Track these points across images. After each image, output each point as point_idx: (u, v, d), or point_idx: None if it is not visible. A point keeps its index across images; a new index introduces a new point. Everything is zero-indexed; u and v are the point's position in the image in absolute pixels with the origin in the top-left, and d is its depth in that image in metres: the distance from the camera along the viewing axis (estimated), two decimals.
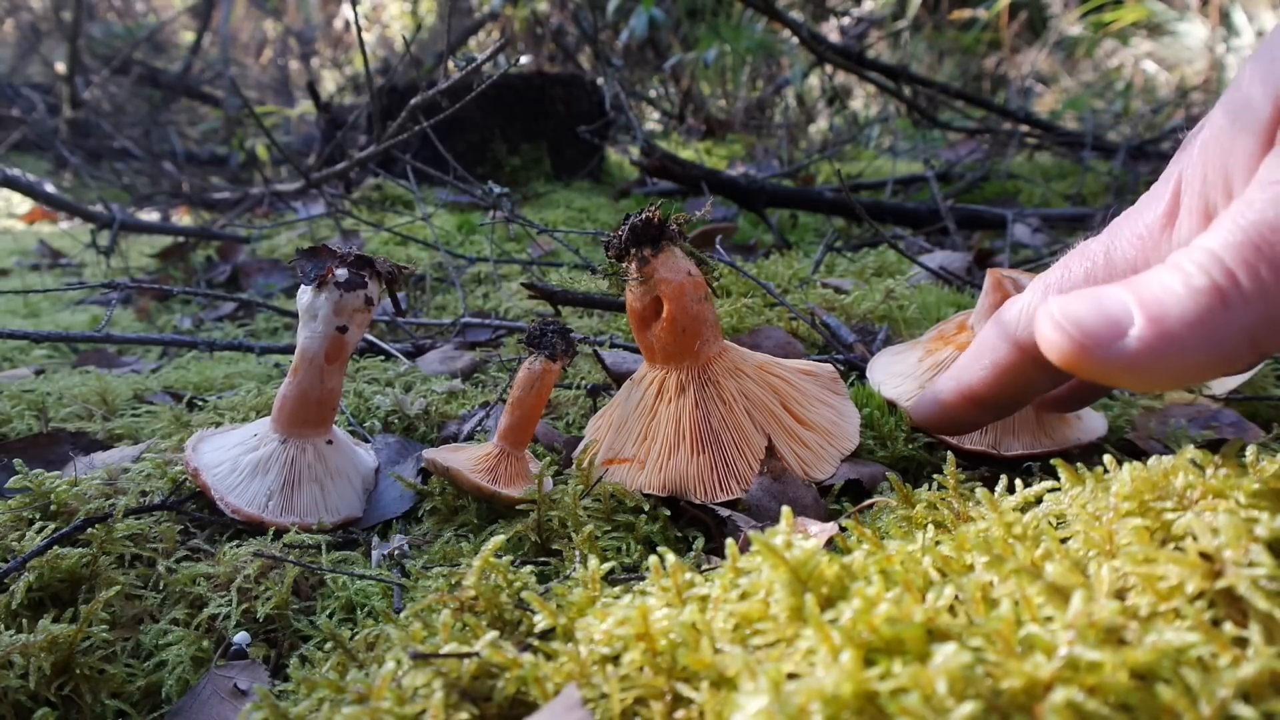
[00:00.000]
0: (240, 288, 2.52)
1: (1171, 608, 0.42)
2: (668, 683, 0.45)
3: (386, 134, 2.04)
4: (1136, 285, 0.50)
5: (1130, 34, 5.36)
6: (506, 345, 1.62)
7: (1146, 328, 0.48)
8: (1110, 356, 0.48)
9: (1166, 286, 0.48)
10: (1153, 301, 0.48)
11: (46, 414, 1.23)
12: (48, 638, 0.69)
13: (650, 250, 0.87)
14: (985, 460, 0.93)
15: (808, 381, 0.96)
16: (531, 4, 5.15)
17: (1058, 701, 0.35)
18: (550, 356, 0.90)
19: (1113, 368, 0.49)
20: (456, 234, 2.60)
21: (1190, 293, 0.47)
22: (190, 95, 6.82)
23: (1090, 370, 0.50)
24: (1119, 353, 0.48)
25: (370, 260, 0.92)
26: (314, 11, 8.32)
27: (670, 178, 2.70)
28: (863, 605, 0.42)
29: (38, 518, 0.85)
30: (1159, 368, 0.48)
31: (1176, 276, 0.48)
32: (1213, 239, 0.48)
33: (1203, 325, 0.47)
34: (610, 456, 0.92)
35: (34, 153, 5.80)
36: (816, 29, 4.79)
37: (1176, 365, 0.48)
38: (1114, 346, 0.48)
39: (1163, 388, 0.52)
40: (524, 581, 0.60)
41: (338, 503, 0.95)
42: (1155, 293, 0.48)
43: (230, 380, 1.46)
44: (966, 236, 2.34)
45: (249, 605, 0.77)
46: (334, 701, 0.52)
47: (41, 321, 2.26)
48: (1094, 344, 0.49)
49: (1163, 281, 0.49)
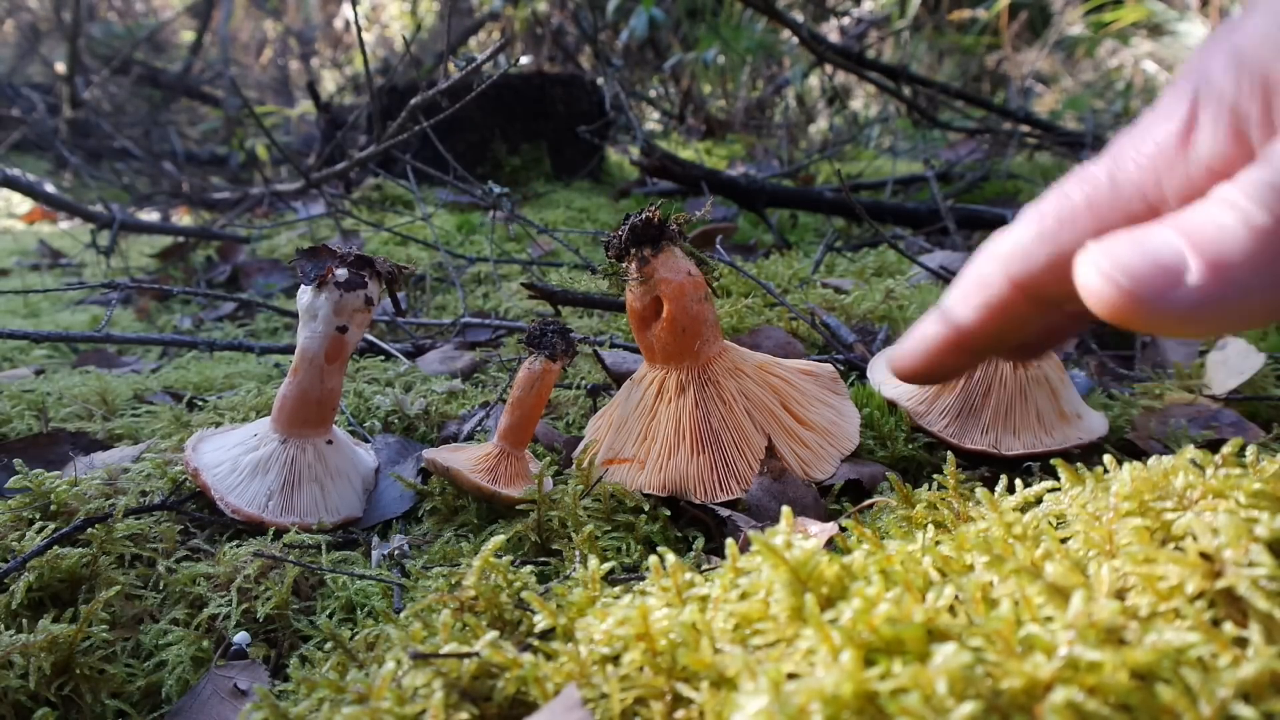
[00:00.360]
0: (240, 288, 2.52)
1: (1171, 608, 0.42)
2: (668, 683, 0.45)
3: (386, 134, 2.04)
4: (1186, 225, 0.46)
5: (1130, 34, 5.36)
6: (506, 345, 1.62)
7: (1206, 273, 0.44)
8: (1169, 307, 0.44)
9: (1222, 225, 0.44)
10: (1209, 243, 0.44)
11: (46, 414, 1.23)
12: (48, 638, 0.69)
13: (650, 250, 0.87)
14: (985, 460, 0.93)
15: (808, 381, 0.96)
16: (531, 4, 5.15)
17: (1058, 701, 0.35)
18: (550, 356, 0.90)
19: (1172, 318, 0.45)
20: (456, 234, 2.60)
21: (1251, 233, 0.43)
22: (190, 95, 6.82)
23: (1145, 323, 0.46)
24: (1179, 302, 0.44)
25: (370, 260, 0.92)
26: (314, 11, 8.32)
27: (670, 178, 2.70)
28: (863, 605, 0.42)
29: (38, 518, 0.85)
30: (1221, 314, 0.44)
31: (1232, 214, 0.44)
32: (1270, 170, 0.44)
33: (1268, 267, 0.43)
34: (610, 456, 0.92)
35: (34, 153, 5.80)
36: (816, 29, 4.79)
37: (1237, 311, 0.44)
38: (1172, 295, 0.44)
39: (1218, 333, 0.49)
40: (524, 581, 0.60)
41: (338, 503, 0.95)
42: (1210, 233, 0.44)
43: (230, 380, 1.46)
44: (966, 236, 2.34)
45: (249, 605, 0.77)
46: (334, 701, 0.52)
47: (41, 321, 2.26)
48: (1150, 294, 0.45)
49: (1217, 220, 0.44)
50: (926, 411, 0.98)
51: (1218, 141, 0.51)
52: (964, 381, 0.97)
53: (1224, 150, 0.50)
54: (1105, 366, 1.34)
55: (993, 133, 3.65)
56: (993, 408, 0.95)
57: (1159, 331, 0.48)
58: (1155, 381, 1.15)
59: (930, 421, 0.97)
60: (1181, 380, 1.16)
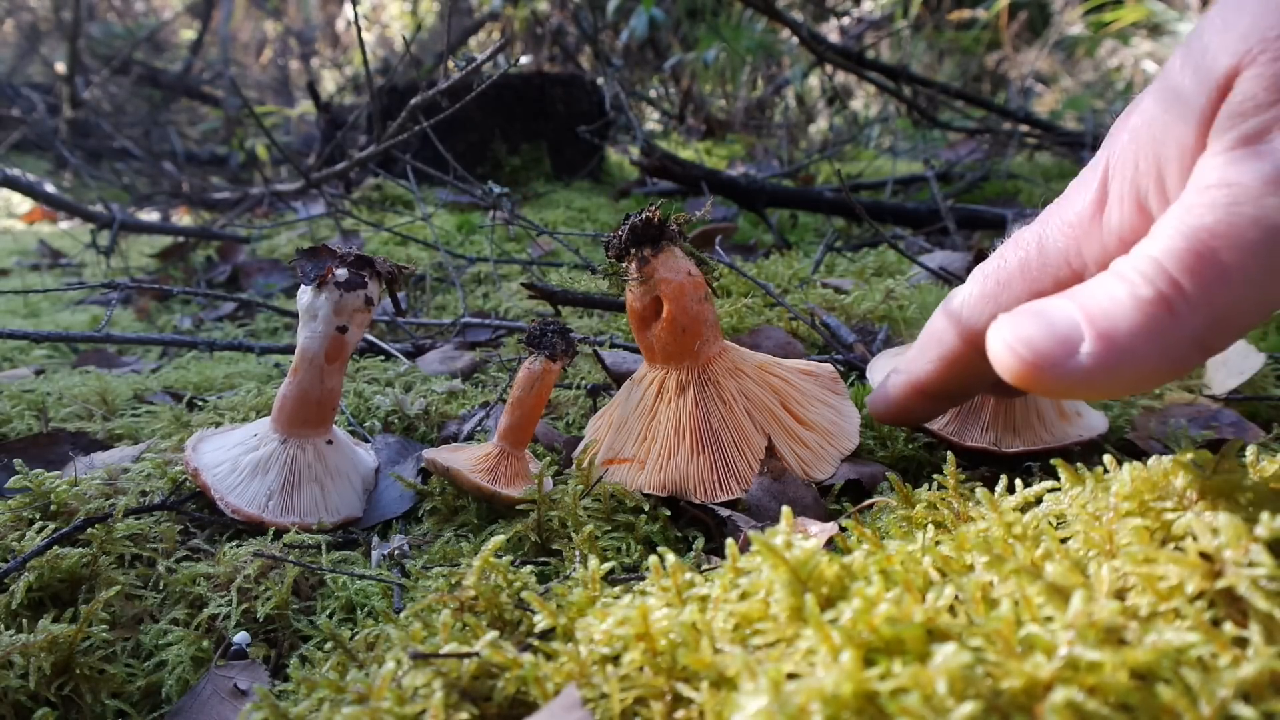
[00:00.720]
0: (240, 288, 2.52)
1: (1171, 608, 0.42)
2: (668, 683, 0.45)
3: (386, 134, 2.04)
4: (1083, 299, 0.50)
5: (1130, 34, 5.36)
6: (506, 345, 1.62)
7: (1097, 344, 0.48)
8: (1064, 374, 0.49)
9: (1114, 298, 0.48)
10: (1100, 316, 0.48)
11: (46, 414, 1.23)
12: (48, 638, 0.69)
13: (650, 250, 0.87)
14: (985, 459, 0.93)
15: (808, 381, 0.96)
16: (531, 4, 5.15)
17: (1058, 701, 0.35)
18: (550, 356, 0.90)
19: (1066, 384, 0.49)
20: (456, 234, 2.60)
21: (1137, 304, 0.47)
22: (190, 95, 6.82)
23: (1044, 388, 0.50)
24: (1072, 370, 0.49)
25: (370, 260, 0.92)
26: (314, 11, 8.32)
27: (670, 178, 2.70)
28: (863, 605, 0.42)
29: (38, 518, 0.85)
30: (1111, 380, 0.48)
31: (1122, 288, 0.48)
32: (1155, 246, 0.48)
33: (1152, 336, 0.47)
34: (610, 456, 0.92)
35: (34, 153, 5.80)
36: (816, 29, 4.78)
37: (1128, 376, 0.48)
38: (1067, 365, 0.49)
39: (1115, 396, 0.53)
40: (524, 581, 0.60)
41: (338, 503, 0.95)
42: (1103, 306, 0.49)
43: (230, 380, 1.46)
44: (966, 236, 2.34)
45: (249, 605, 0.77)
46: (334, 701, 0.52)
47: (41, 321, 2.26)
48: (1047, 364, 0.49)
49: (1109, 293, 0.49)
50: None
51: (1124, 214, 0.55)
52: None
53: (1131, 222, 0.55)
54: None
55: (993, 133, 3.65)
56: (993, 406, 0.95)
57: (1061, 396, 0.52)
58: None
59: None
60: (1181, 380, 1.16)
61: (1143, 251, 0.49)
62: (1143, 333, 0.47)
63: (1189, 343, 0.47)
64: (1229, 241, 0.45)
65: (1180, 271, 0.46)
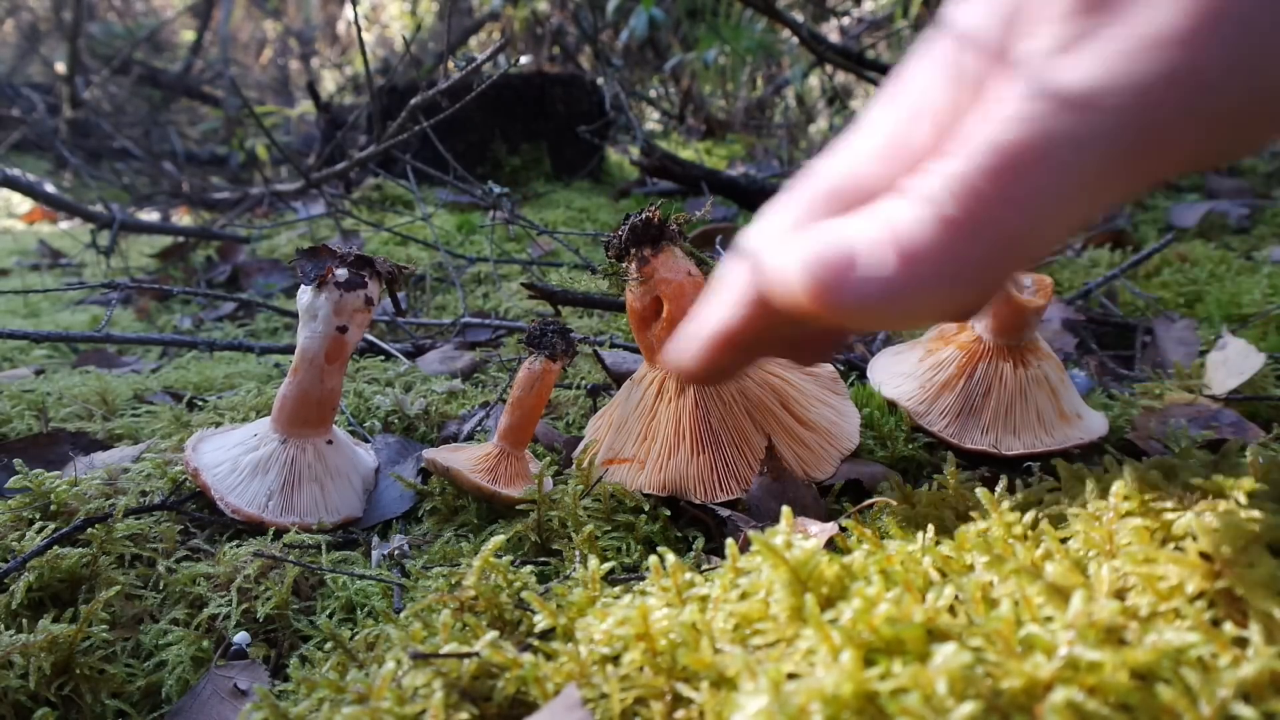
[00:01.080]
0: (240, 288, 2.52)
1: (1171, 608, 0.42)
2: (668, 683, 0.45)
3: (386, 134, 2.04)
4: (885, 217, 0.46)
5: None
6: (506, 345, 1.62)
7: (898, 265, 0.44)
8: (861, 299, 0.45)
9: (916, 216, 0.44)
10: (904, 235, 0.44)
11: (46, 414, 1.23)
12: (48, 638, 0.69)
13: (650, 250, 0.87)
14: (985, 460, 0.93)
15: (808, 381, 0.96)
16: (531, 4, 5.15)
17: (1058, 701, 0.35)
18: (550, 356, 0.90)
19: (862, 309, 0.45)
20: (456, 234, 2.60)
21: (941, 222, 0.43)
22: (190, 95, 6.82)
23: (837, 312, 0.46)
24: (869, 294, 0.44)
25: (370, 260, 0.92)
26: (314, 11, 8.32)
27: (670, 178, 2.70)
28: (863, 605, 0.42)
29: (38, 518, 0.85)
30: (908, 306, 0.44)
31: (925, 206, 0.44)
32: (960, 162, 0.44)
33: (956, 257, 0.43)
34: (610, 456, 0.92)
35: (34, 153, 5.80)
36: (816, 29, 4.78)
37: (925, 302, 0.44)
38: (864, 288, 0.44)
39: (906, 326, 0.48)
40: (524, 581, 0.60)
41: (338, 503, 0.95)
42: (906, 224, 0.44)
43: (230, 380, 1.46)
44: None
45: (249, 605, 0.77)
46: (334, 701, 0.52)
47: (41, 321, 2.26)
48: (843, 286, 0.45)
49: (912, 211, 0.45)
50: (926, 412, 0.98)
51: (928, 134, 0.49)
52: (964, 381, 0.97)
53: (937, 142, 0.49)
54: (1105, 366, 1.34)
55: None
56: (993, 408, 0.95)
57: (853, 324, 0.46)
58: (1155, 381, 1.15)
59: (930, 421, 0.97)
60: (1181, 380, 1.16)
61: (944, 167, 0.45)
62: (944, 253, 0.43)
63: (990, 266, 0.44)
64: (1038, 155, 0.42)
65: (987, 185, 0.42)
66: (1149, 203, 2.68)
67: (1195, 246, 1.90)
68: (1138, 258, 1.73)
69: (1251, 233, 2.21)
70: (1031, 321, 0.94)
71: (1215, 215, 2.29)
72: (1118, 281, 1.68)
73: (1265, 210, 2.35)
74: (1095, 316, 1.52)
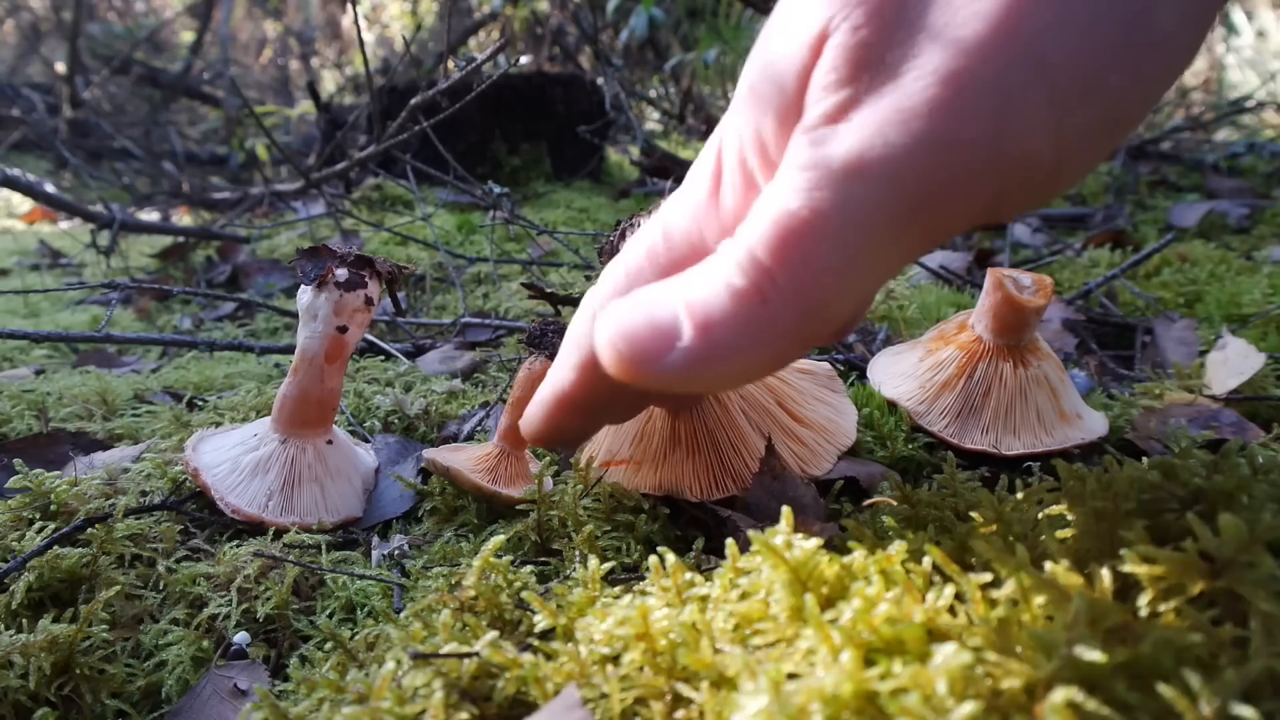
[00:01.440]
0: (240, 288, 2.52)
1: (1171, 608, 0.42)
2: (668, 683, 0.45)
3: (386, 134, 2.04)
4: (684, 289, 0.46)
5: None
6: (506, 345, 1.62)
7: (695, 338, 0.44)
8: (662, 370, 0.45)
9: (712, 289, 0.45)
10: (699, 307, 0.45)
11: (46, 414, 1.23)
12: (48, 638, 0.69)
13: None
14: (985, 460, 0.93)
15: (804, 380, 0.96)
16: (531, 4, 5.15)
17: (1058, 701, 0.35)
18: (550, 356, 0.90)
19: (666, 379, 0.45)
20: (456, 234, 2.60)
21: (731, 294, 0.44)
22: (190, 95, 6.82)
23: (647, 383, 0.46)
24: (670, 366, 0.45)
25: (370, 260, 0.92)
26: (314, 11, 8.32)
27: (670, 178, 2.70)
28: (863, 605, 0.42)
29: (38, 518, 0.85)
30: (711, 374, 0.45)
31: (719, 277, 0.45)
32: (749, 232, 0.44)
33: (748, 327, 0.44)
34: (608, 459, 0.92)
35: (34, 153, 5.80)
36: None
37: (727, 370, 0.45)
38: (665, 359, 0.45)
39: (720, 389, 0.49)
40: (524, 581, 0.60)
41: (338, 503, 0.95)
42: (702, 295, 0.45)
43: (230, 380, 1.46)
44: (966, 236, 2.34)
45: (249, 605, 0.77)
46: (334, 701, 0.52)
47: (41, 321, 2.25)
48: (645, 358, 0.45)
49: (708, 283, 0.45)
50: (926, 412, 0.98)
51: (736, 196, 0.51)
52: (964, 381, 0.97)
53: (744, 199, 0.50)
54: (1105, 366, 1.34)
55: None
56: (993, 408, 0.95)
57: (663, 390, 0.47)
58: (1155, 381, 1.15)
59: (930, 421, 0.97)
60: (1181, 380, 1.16)
61: (739, 239, 0.45)
62: (738, 324, 0.44)
63: (786, 335, 0.44)
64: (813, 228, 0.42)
65: (770, 259, 0.43)
66: (1149, 203, 2.68)
67: (1195, 246, 1.90)
68: (1138, 258, 1.73)
69: (1251, 233, 2.21)
70: (1031, 322, 0.94)
71: (1215, 215, 2.29)
72: (1118, 281, 1.68)
73: (1265, 210, 2.36)
74: (1095, 316, 1.52)
